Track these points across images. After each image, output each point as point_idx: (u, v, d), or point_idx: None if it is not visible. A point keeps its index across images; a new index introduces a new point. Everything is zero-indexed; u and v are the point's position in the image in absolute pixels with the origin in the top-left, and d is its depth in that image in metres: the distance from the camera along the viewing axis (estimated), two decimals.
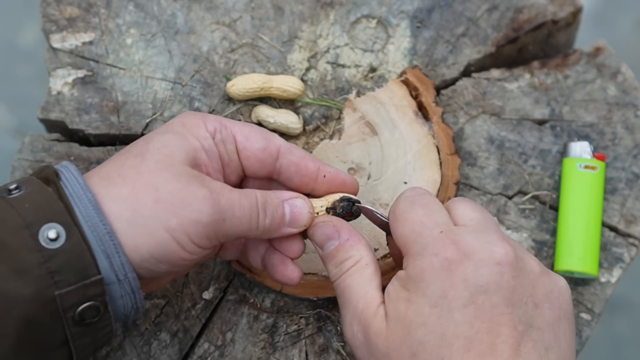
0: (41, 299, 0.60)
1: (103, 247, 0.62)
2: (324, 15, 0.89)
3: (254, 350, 0.79)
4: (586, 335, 0.81)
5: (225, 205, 0.65)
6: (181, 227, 0.63)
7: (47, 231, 0.60)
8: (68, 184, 0.63)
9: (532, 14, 0.89)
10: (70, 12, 0.87)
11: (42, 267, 0.60)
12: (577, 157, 0.83)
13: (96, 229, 0.62)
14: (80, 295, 0.61)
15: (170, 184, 0.64)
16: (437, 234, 0.63)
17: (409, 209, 0.66)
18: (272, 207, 0.68)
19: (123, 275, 0.63)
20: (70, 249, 0.61)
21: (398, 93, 0.86)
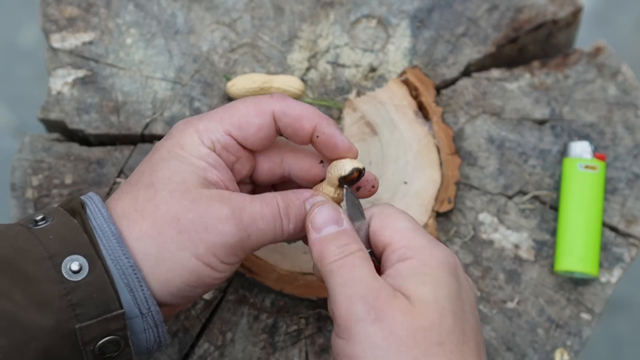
0: (61, 332, 0.59)
1: (126, 280, 0.62)
2: (324, 15, 0.89)
3: (254, 350, 0.79)
4: (586, 335, 0.81)
5: (248, 221, 0.64)
6: (210, 251, 0.63)
7: (70, 263, 0.60)
8: (92, 216, 0.63)
9: (532, 13, 0.89)
10: (70, 12, 0.87)
11: (64, 299, 0.60)
12: (577, 157, 0.83)
13: (119, 262, 0.62)
14: (101, 329, 0.61)
15: (190, 211, 0.63)
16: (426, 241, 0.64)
17: (398, 213, 0.66)
18: (295, 211, 0.67)
19: (146, 309, 0.63)
20: (93, 282, 0.60)
21: (398, 93, 0.85)
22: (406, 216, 0.66)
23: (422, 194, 0.83)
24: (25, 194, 0.81)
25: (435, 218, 0.82)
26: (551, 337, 0.81)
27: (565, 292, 0.82)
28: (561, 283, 0.82)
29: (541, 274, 0.82)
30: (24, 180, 0.82)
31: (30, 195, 0.81)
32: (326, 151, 0.68)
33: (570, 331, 0.81)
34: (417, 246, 0.63)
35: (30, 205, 0.81)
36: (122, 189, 0.66)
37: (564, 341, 0.81)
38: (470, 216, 0.83)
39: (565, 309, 0.82)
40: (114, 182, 0.82)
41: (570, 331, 0.81)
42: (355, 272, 0.62)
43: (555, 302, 0.82)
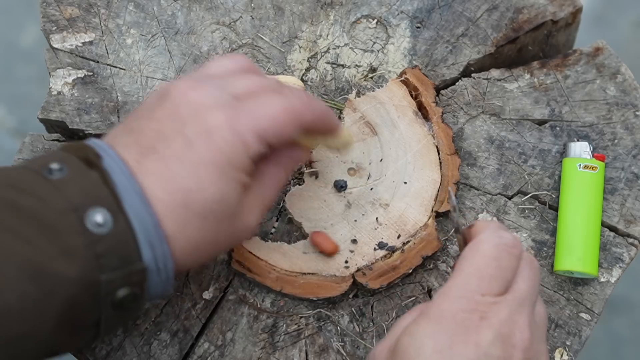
0: (86, 281, 0.61)
1: (149, 237, 0.63)
2: (324, 15, 0.89)
3: (254, 350, 0.79)
4: (586, 335, 0.81)
5: (267, 210, 0.72)
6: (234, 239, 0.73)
7: (94, 215, 0.61)
8: (111, 170, 0.63)
9: (532, 14, 0.89)
10: (71, 12, 0.87)
11: (89, 250, 0.61)
12: (577, 157, 0.83)
13: (142, 219, 0.63)
14: (123, 281, 0.62)
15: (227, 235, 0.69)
16: (479, 295, 0.63)
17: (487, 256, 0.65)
18: (290, 170, 0.74)
19: (163, 265, 0.64)
20: (116, 234, 0.62)
21: (398, 93, 0.86)
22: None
23: (422, 194, 0.83)
24: None
25: (434, 218, 0.82)
26: (550, 337, 0.81)
27: (565, 292, 0.82)
28: (560, 283, 0.82)
29: (541, 274, 0.83)
30: None
31: None
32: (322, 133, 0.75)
33: (569, 331, 0.81)
34: None
35: None
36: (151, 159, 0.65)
37: (563, 341, 0.81)
38: (470, 216, 0.83)
39: (564, 308, 0.82)
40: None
41: (570, 331, 0.81)
42: None
43: (555, 302, 0.82)
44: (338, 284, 0.79)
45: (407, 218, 0.82)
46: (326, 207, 0.82)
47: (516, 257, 0.66)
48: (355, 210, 0.82)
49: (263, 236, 0.82)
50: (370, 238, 0.81)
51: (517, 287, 0.65)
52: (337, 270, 0.80)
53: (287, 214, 0.82)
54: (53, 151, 0.67)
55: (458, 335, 0.62)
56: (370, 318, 0.80)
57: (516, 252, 0.66)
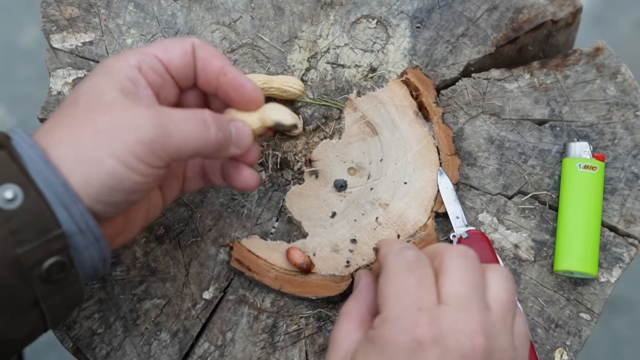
0: (6, 260, 0.60)
1: (59, 199, 0.62)
2: (324, 15, 0.89)
3: (254, 350, 0.79)
4: (585, 335, 0.81)
5: (166, 120, 0.65)
6: (126, 149, 0.63)
7: (3, 192, 0.61)
8: (18, 146, 0.63)
9: (532, 14, 0.89)
10: (71, 12, 0.87)
11: (3, 227, 0.60)
12: (577, 157, 0.83)
13: (50, 182, 0.62)
14: (43, 251, 0.61)
15: (105, 114, 0.64)
16: (415, 310, 0.63)
17: (403, 273, 0.66)
18: (223, 123, 0.69)
19: (84, 224, 0.63)
20: (29, 207, 0.61)
21: (399, 93, 0.86)
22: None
23: (422, 194, 0.83)
24: None
25: (434, 218, 0.82)
26: (551, 337, 0.81)
27: (565, 292, 0.82)
28: (560, 283, 0.83)
29: (541, 274, 0.83)
30: None
31: None
32: (232, 92, 0.71)
33: (569, 331, 0.81)
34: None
35: None
36: (53, 114, 0.67)
37: (563, 341, 0.81)
38: (470, 216, 0.83)
39: (564, 308, 0.82)
40: None
41: (570, 331, 0.81)
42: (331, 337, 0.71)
43: (555, 302, 0.82)
44: (337, 284, 0.79)
45: (407, 218, 0.82)
46: (326, 207, 0.82)
47: (427, 266, 0.67)
48: (355, 210, 0.82)
49: (263, 235, 0.82)
50: (369, 238, 0.81)
51: (451, 291, 0.65)
52: (336, 269, 0.80)
53: (287, 213, 0.82)
54: None
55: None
56: None
57: (425, 262, 0.67)
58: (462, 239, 0.81)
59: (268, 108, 0.73)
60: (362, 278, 0.73)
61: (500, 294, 0.67)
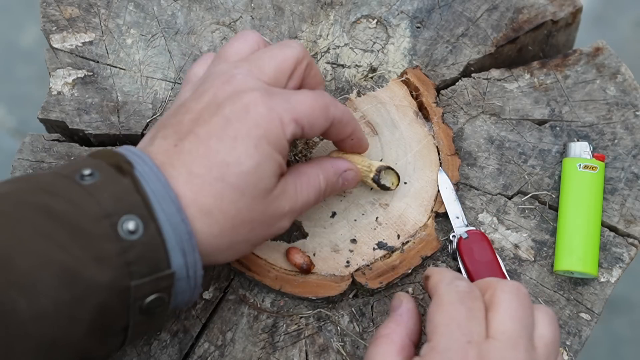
0: (117, 288, 0.62)
1: (182, 244, 0.64)
2: (324, 15, 0.89)
3: (254, 350, 0.79)
4: (585, 335, 0.81)
5: (299, 209, 0.71)
6: (265, 238, 0.71)
7: (126, 222, 0.62)
8: (146, 178, 0.64)
9: (532, 14, 0.89)
10: (71, 12, 0.87)
11: (120, 257, 0.62)
12: (577, 157, 0.83)
13: (177, 227, 0.64)
14: (152, 287, 0.63)
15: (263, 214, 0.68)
16: (464, 342, 0.64)
17: (454, 304, 0.67)
18: (332, 186, 0.75)
19: (193, 272, 0.66)
20: (147, 242, 0.63)
21: (399, 93, 0.86)
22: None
23: (422, 194, 0.83)
24: None
25: (434, 218, 0.82)
26: None
27: (565, 292, 0.82)
28: (560, 283, 0.83)
29: (540, 274, 0.83)
30: None
31: None
32: (349, 149, 0.78)
33: (569, 331, 0.81)
34: None
35: None
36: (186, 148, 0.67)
37: (563, 341, 0.81)
38: (469, 216, 0.83)
39: (564, 308, 0.82)
40: None
41: (570, 331, 0.81)
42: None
43: (555, 302, 0.82)
44: (337, 284, 0.79)
45: (407, 218, 0.82)
46: (326, 207, 0.82)
47: (479, 299, 0.67)
48: (355, 210, 0.82)
49: None
50: (369, 238, 0.81)
51: (500, 327, 0.66)
52: (336, 269, 0.80)
53: None
54: (83, 157, 0.69)
55: None
56: (370, 318, 0.80)
57: (477, 294, 0.68)
58: (462, 239, 0.81)
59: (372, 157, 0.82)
60: (404, 302, 0.73)
61: (546, 333, 0.68)
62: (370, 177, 0.80)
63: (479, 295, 0.68)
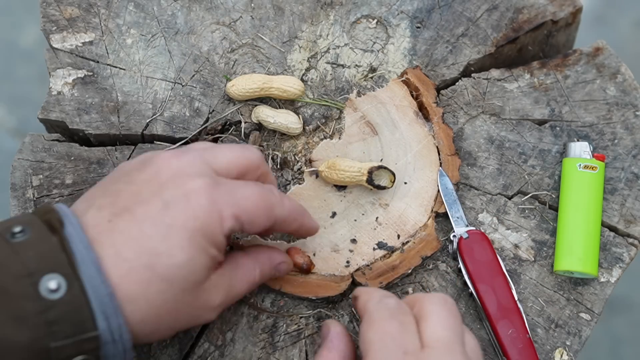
0: (36, 348, 0.60)
1: (103, 308, 0.62)
2: (324, 15, 0.89)
3: (254, 350, 0.79)
4: (585, 335, 0.81)
5: (229, 302, 0.71)
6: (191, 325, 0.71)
7: (48, 281, 0.61)
8: (72, 238, 0.63)
9: (532, 14, 0.89)
10: (71, 12, 0.87)
11: (40, 317, 0.60)
12: (577, 157, 0.83)
13: (97, 289, 0.62)
14: (75, 349, 0.61)
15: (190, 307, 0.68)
16: (401, 354, 0.65)
17: (385, 320, 0.67)
18: (266, 276, 0.75)
19: (119, 336, 0.63)
20: (70, 301, 0.61)
21: (399, 93, 0.86)
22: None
23: (422, 194, 0.83)
24: (26, 194, 0.82)
25: (434, 218, 0.82)
26: (551, 337, 0.81)
27: (565, 292, 0.82)
28: (560, 283, 0.83)
29: (541, 274, 0.83)
30: (24, 180, 0.82)
31: (31, 195, 0.82)
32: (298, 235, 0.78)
33: (569, 331, 0.81)
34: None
35: (31, 205, 0.81)
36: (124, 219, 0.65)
37: (563, 341, 0.81)
38: (470, 216, 0.83)
39: (564, 308, 0.82)
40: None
41: (570, 331, 0.81)
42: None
43: (555, 302, 0.82)
44: (337, 284, 0.79)
45: (407, 218, 0.82)
46: (326, 207, 0.82)
47: (409, 313, 0.68)
48: (355, 210, 0.82)
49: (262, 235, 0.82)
50: (369, 238, 0.81)
51: (434, 335, 0.66)
52: (336, 269, 0.80)
53: None
54: (22, 214, 0.68)
55: None
56: None
57: (406, 309, 0.68)
58: (462, 238, 0.81)
59: None
60: (332, 327, 0.73)
61: (469, 339, 0.69)
62: (364, 180, 0.80)
63: (408, 311, 0.69)
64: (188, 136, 0.84)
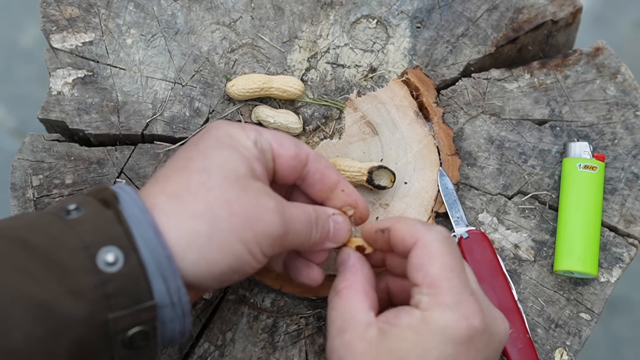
0: (94, 321, 0.60)
1: (161, 270, 0.62)
2: (324, 15, 0.89)
3: (254, 350, 0.79)
4: (586, 335, 0.81)
5: (288, 219, 0.67)
6: (255, 238, 0.65)
7: (105, 254, 0.61)
8: (127, 206, 0.63)
9: (532, 14, 0.89)
10: (71, 12, 0.87)
11: (98, 290, 0.60)
12: (577, 157, 0.83)
13: (155, 252, 0.62)
14: (132, 320, 0.61)
15: (241, 197, 0.65)
16: (468, 295, 0.66)
17: (447, 253, 0.67)
18: (322, 222, 0.71)
19: (177, 299, 0.63)
20: (127, 274, 0.61)
21: (399, 93, 0.86)
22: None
23: (422, 194, 0.83)
24: (26, 194, 0.82)
25: (434, 218, 0.82)
26: (551, 337, 0.81)
27: (565, 292, 0.82)
28: (560, 283, 0.83)
29: (541, 274, 0.83)
30: (24, 180, 0.82)
31: (31, 195, 0.82)
32: (344, 205, 0.73)
33: (569, 331, 0.81)
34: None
35: (31, 205, 0.81)
36: (168, 170, 0.67)
37: (563, 341, 0.81)
38: (470, 216, 0.84)
39: (564, 308, 0.82)
40: (114, 182, 0.82)
41: (570, 331, 0.81)
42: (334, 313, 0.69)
43: (555, 301, 0.82)
44: None
45: None
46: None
47: (455, 243, 0.70)
48: None
49: None
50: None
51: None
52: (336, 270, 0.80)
53: None
54: (76, 195, 0.68)
55: (461, 345, 0.65)
56: None
57: (452, 237, 0.70)
58: (462, 238, 0.81)
59: None
60: (352, 254, 0.72)
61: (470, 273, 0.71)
62: (365, 180, 0.80)
63: (453, 240, 0.70)
64: (188, 136, 0.84)
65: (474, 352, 0.65)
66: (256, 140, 0.69)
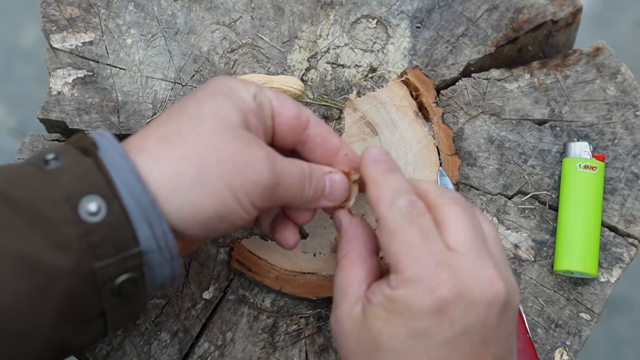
0: (82, 273, 0.60)
1: (146, 215, 0.61)
2: (324, 15, 0.89)
3: (254, 350, 0.79)
4: (586, 335, 0.81)
5: (279, 170, 0.66)
6: (243, 187, 0.64)
7: (87, 204, 0.60)
8: (107, 153, 0.62)
9: (532, 14, 0.89)
10: (71, 12, 0.87)
11: (83, 240, 0.59)
12: (577, 157, 0.83)
13: (139, 198, 0.61)
14: (119, 268, 0.61)
15: (231, 144, 0.64)
16: (433, 266, 0.62)
17: (406, 228, 0.64)
18: (316, 178, 0.69)
19: (164, 243, 0.63)
20: (111, 222, 0.60)
21: (399, 93, 0.86)
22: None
23: None
24: None
25: None
26: (551, 337, 0.81)
27: (565, 292, 0.82)
28: (560, 283, 0.83)
29: (541, 274, 0.83)
30: None
31: None
32: (349, 169, 0.71)
33: (569, 331, 0.81)
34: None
35: None
36: (162, 117, 0.66)
37: (563, 341, 0.81)
38: None
39: (564, 308, 0.82)
40: None
41: (570, 331, 0.81)
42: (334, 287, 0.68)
43: (555, 301, 0.82)
44: None
45: None
46: None
47: (424, 212, 0.66)
48: (355, 210, 0.82)
49: (263, 236, 0.82)
50: None
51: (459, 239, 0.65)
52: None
53: None
54: (54, 144, 0.66)
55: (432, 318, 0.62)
56: None
57: (420, 208, 0.66)
58: None
59: None
60: (343, 218, 0.71)
61: (489, 230, 0.67)
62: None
63: (422, 208, 0.66)
64: None
65: (447, 323, 0.61)
66: (255, 95, 0.68)
